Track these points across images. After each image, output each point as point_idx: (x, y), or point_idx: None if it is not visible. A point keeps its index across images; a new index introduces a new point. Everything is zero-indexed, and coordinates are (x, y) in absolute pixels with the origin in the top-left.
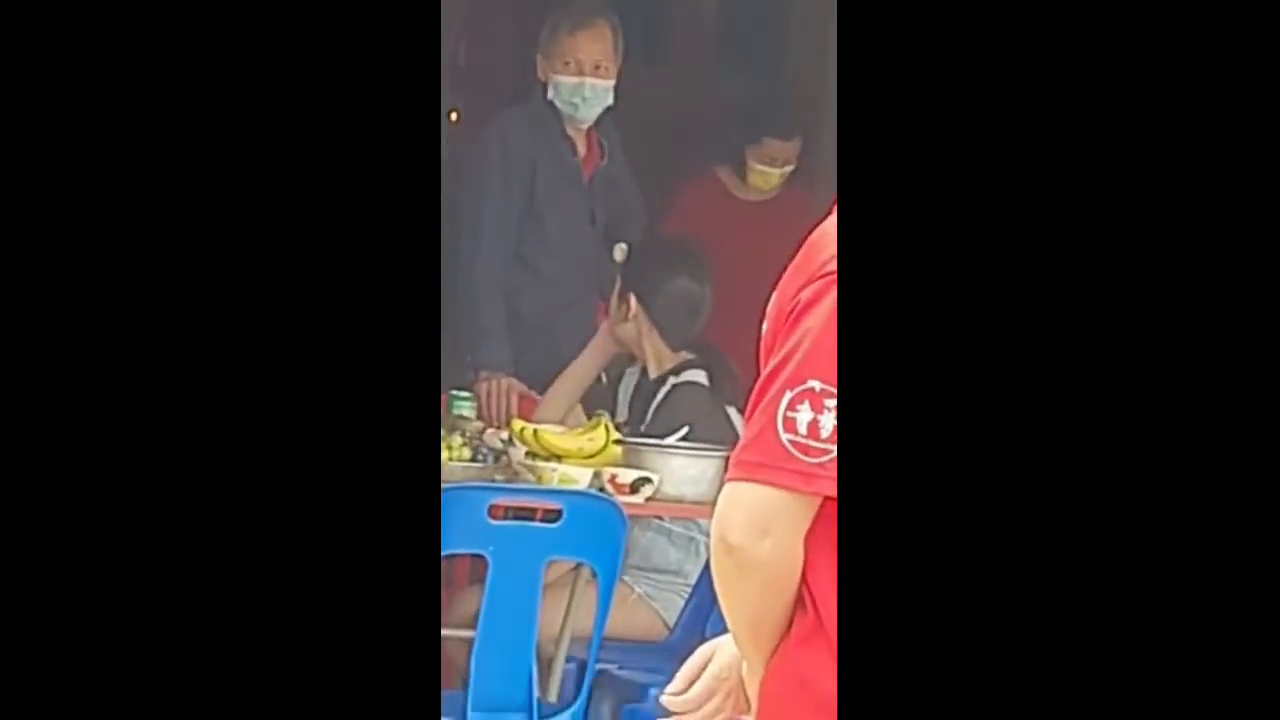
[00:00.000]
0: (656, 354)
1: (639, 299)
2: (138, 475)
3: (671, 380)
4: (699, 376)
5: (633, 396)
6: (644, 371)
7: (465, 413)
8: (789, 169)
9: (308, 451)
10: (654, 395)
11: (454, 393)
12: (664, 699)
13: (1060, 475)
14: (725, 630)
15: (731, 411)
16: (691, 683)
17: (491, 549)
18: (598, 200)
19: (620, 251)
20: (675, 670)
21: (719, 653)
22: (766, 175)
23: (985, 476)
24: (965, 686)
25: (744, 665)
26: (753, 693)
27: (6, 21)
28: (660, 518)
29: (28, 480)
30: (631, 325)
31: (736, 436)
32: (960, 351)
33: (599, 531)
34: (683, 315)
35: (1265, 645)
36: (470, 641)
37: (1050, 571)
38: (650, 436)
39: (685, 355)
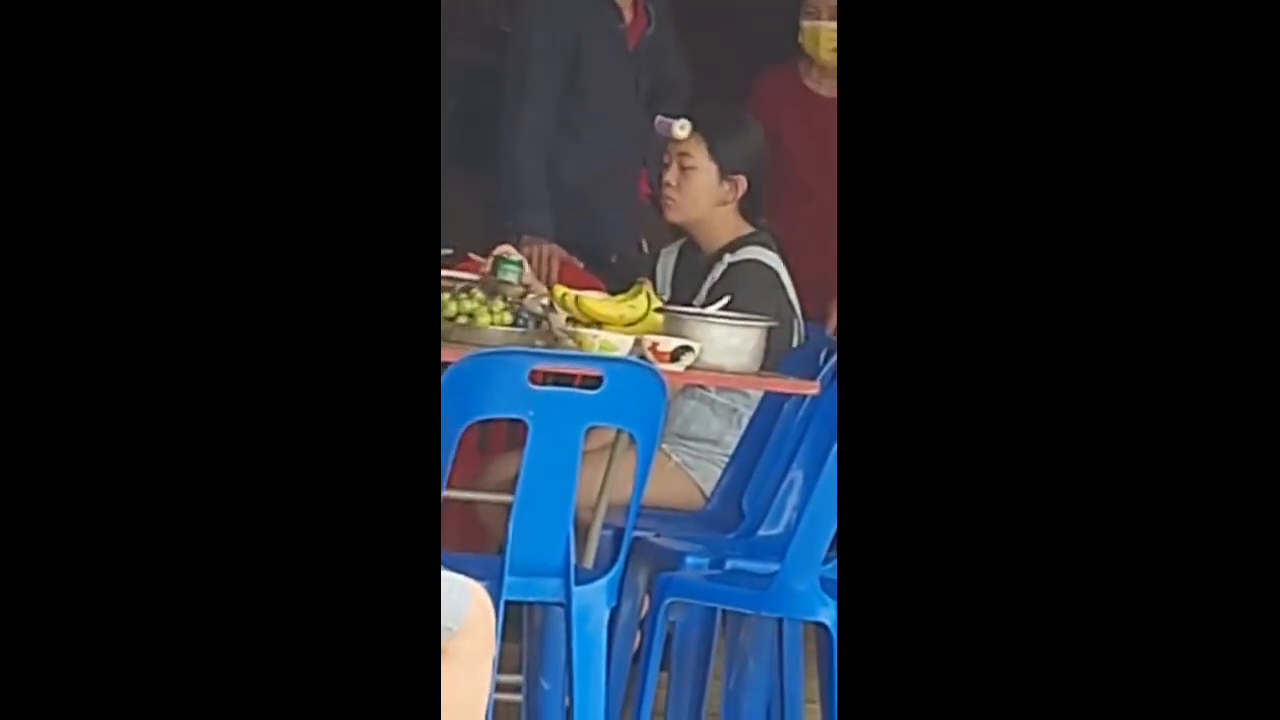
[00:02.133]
0: (726, 227)
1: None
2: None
3: (728, 258)
4: (760, 254)
5: (674, 274)
6: (684, 248)
7: (508, 277)
8: None
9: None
10: (708, 272)
11: (499, 257)
12: None
13: (1060, 476)
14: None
15: (790, 291)
16: None
17: (531, 414)
18: (642, 68)
19: (683, 128)
20: (711, 538)
21: None
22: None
23: (985, 476)
24: (964, 686)
25: None
26: None
27: (7, 22)
28: (704, 387)
29: (20, 470)
30: (728, 207)
31: (794, 315)
32: (960, 352)
33: (639, 398)
34: (755, 182)
35: (1260, 643)
36: (508, 506)
37: (1050, 572)
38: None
39: (751, 227)
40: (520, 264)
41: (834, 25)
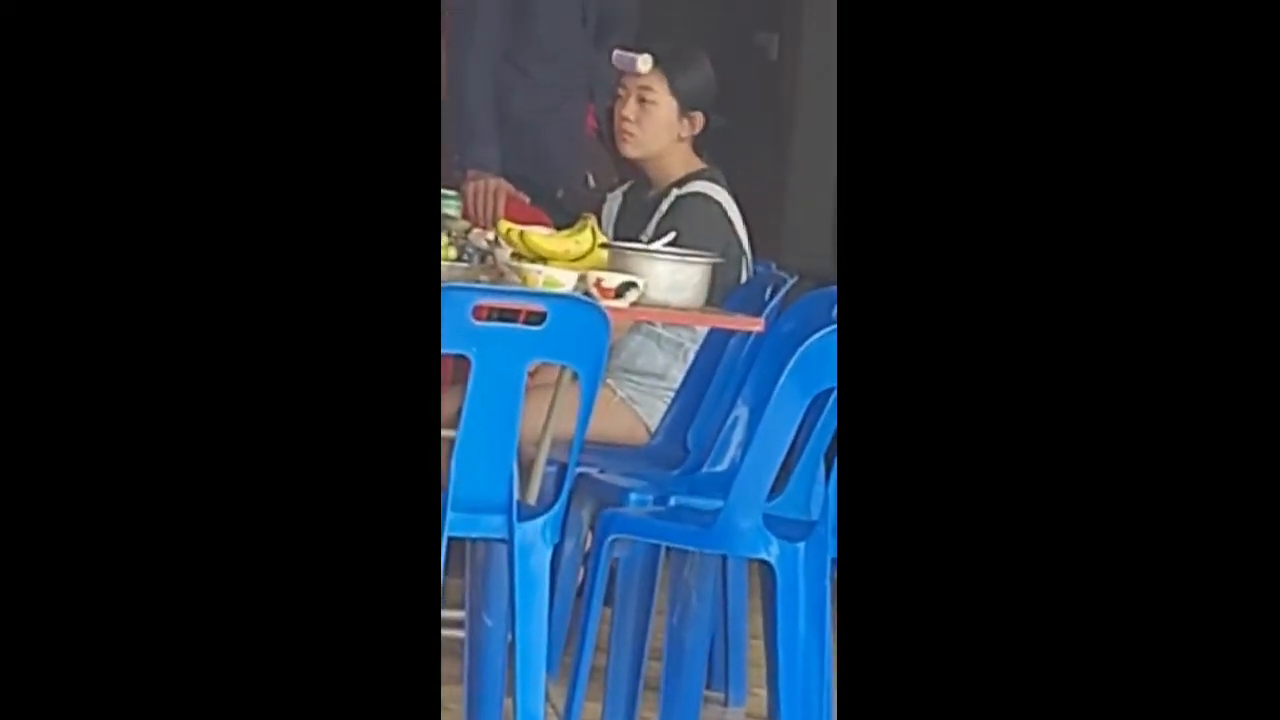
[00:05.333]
0: (678, 163)
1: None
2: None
3: (676, 192)
4: (708, 189)
5: (618, 216)
6: (632, 189)
7: (451, 212)
8: None
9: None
10: (655, 207)
11: (441, 191)
12: None
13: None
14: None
15: (739, 226)
16: None
17: (474, 350)
18: (589, 2)
19: (645, 62)
20: (655, 474)
21: None
22: None
23: (984, 475)
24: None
25: None
26: None
27: (7, 21)
28: (651, 323)
29: (17, 469)
30: (684, 142)
31: (742, 251)
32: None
33: (582, 334)
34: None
35: (1260, 643)
36: (450, 442)
37: (1050, 573)
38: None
39: (701, 164)
40: (458, 198)
41: None
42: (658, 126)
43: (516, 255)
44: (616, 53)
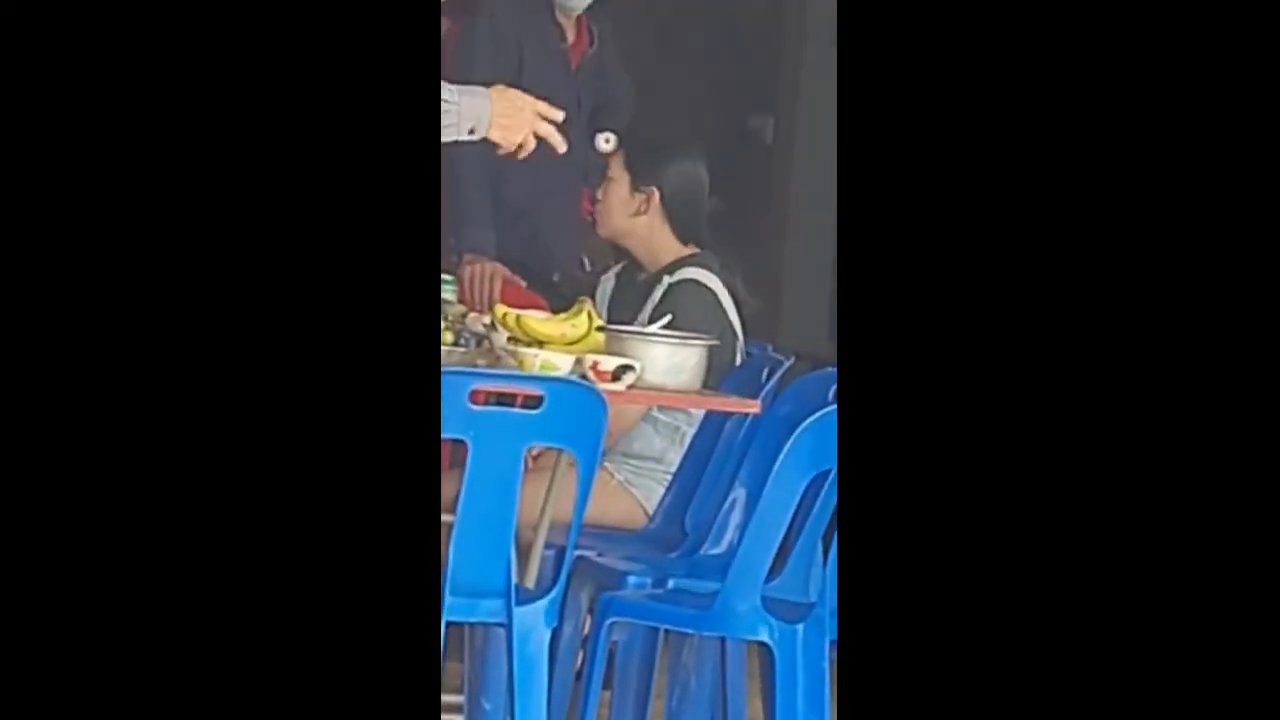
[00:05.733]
0: (663, 248)
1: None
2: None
3: (667, 279)
4: (699, 275)
5: (612, 298)
6: (624, 270)
7: (447, 296)
8: None
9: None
10: (649, 293)
11: None
12: None
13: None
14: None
15: (730, 311)
16: None
17: (471, 434)
18: (584, 88)
19: (607, 140)
20: (654, 557)
21: None
22: None
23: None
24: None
25: None
26: None
27: (7, 22)
28: (648, 406)
29: (17, 468)
30: (645, 219)
31: (736, 337)
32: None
33: (580, 418)
34: (689, 203)
35: (1260, 643)
36: (449, 526)
37: (1045, 600)
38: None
39: (692, 249)
40: (454, 283)
41: None
42: (612, 203)
43: (513, 339)
44: (595, 135)
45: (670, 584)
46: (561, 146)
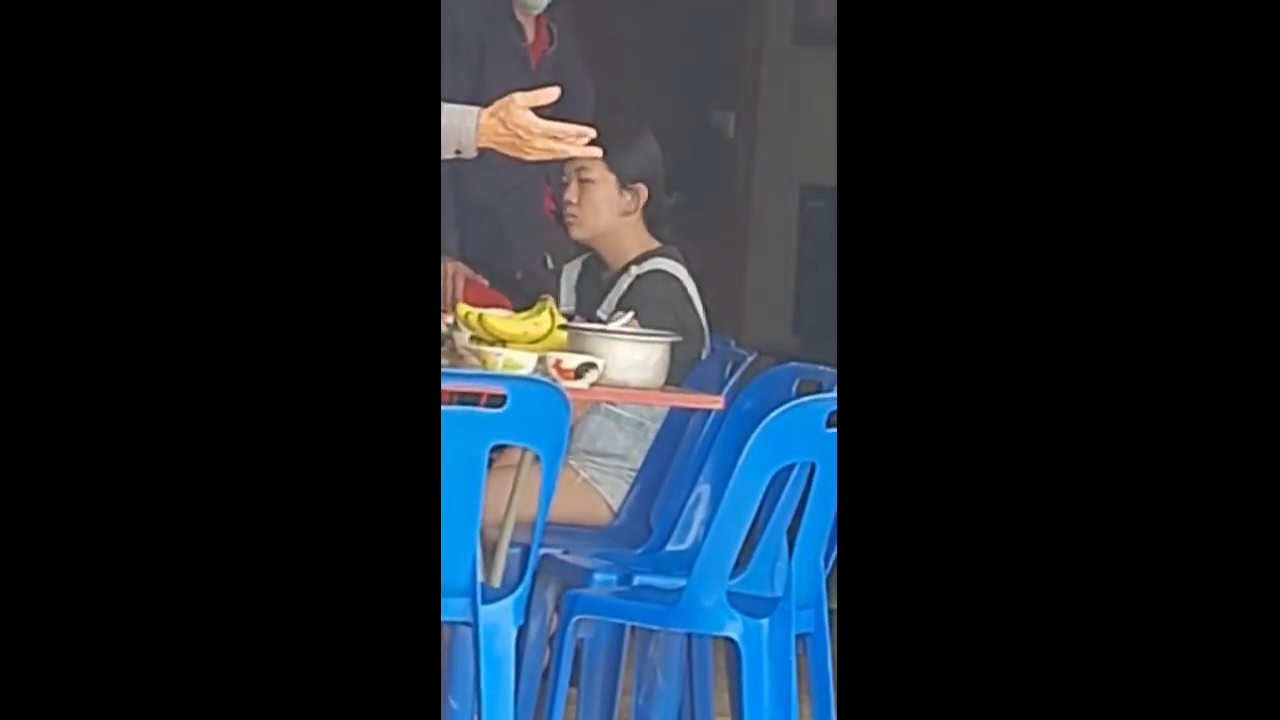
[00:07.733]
0: (636, 243)
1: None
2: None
3: (635, 270)
4: (666, 265)
5: (577, 286)
6: (588, 261)
7: None
8: None
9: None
10: (612, 286)
11: None
12: None
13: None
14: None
15: (697, 303)
16: None
17: None
18: (545, 85)
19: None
20: (619, 554)
21: None
22: None
23: (982, 472)
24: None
25: None
26: None
27: (7, 22)
28: (611, 403)
29: (17, 468)
30: (632, 216)
31: (702, 329)
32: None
33: (543, 416)
34: (656, 192)
35: (1260, 643)
36: None
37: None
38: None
39: (656, 242)
40: None
41: None
42: (598, 205)
43: (476, 338)
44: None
45: (636, 581)
46: (593, 153)
